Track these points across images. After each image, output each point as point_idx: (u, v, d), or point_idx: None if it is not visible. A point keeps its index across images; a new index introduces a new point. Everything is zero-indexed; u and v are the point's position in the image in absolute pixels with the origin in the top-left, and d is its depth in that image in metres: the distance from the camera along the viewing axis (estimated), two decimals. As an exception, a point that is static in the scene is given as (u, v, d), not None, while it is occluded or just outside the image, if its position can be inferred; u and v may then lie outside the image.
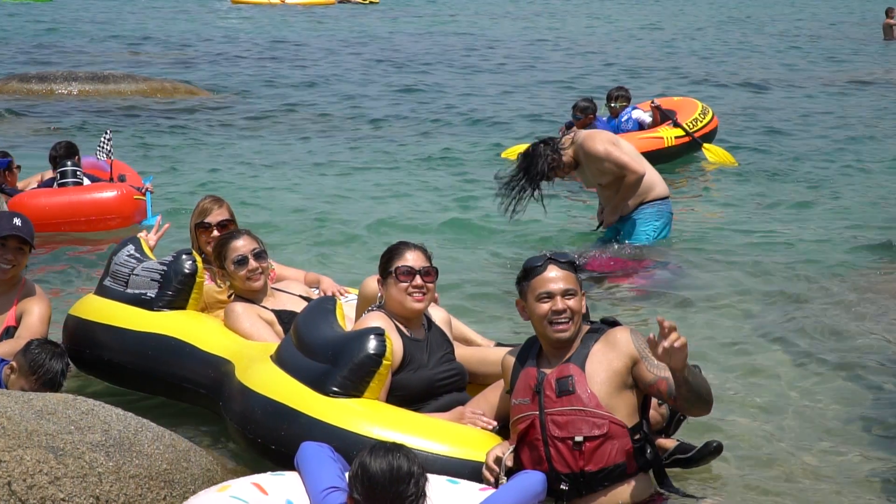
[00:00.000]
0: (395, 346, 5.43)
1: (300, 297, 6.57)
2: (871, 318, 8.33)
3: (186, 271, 6.47)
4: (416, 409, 5.42)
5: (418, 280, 5.57)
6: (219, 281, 6.73)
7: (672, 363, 4.66)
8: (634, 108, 14.65)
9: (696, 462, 5.38)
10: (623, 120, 14.42)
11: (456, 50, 31.55)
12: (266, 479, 4.64)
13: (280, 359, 5.65)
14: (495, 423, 5.29)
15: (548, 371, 4.99)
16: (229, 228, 6.85)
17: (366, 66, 27.33)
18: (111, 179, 10.93)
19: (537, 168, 9.51)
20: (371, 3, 52.96)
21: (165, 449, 4.95)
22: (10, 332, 6.49)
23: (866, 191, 13.34)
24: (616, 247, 9.76)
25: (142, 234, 7.12)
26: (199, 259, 6.55)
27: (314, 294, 6.75)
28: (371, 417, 5.18)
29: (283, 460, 5.08)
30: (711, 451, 5.35)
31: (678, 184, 13.33)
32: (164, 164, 14.59)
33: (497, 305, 8.69)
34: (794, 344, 7.77)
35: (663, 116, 14.53)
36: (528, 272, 5.08)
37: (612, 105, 14.59)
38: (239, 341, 6.19)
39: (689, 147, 14.52)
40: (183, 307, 6.51)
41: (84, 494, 4.51)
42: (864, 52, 31.54)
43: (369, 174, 14.33)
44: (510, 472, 4.92)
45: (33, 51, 29.53)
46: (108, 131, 11.71)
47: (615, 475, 4.90)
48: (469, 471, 4.95)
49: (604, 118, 14.50)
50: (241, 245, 6.43)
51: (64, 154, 10.89)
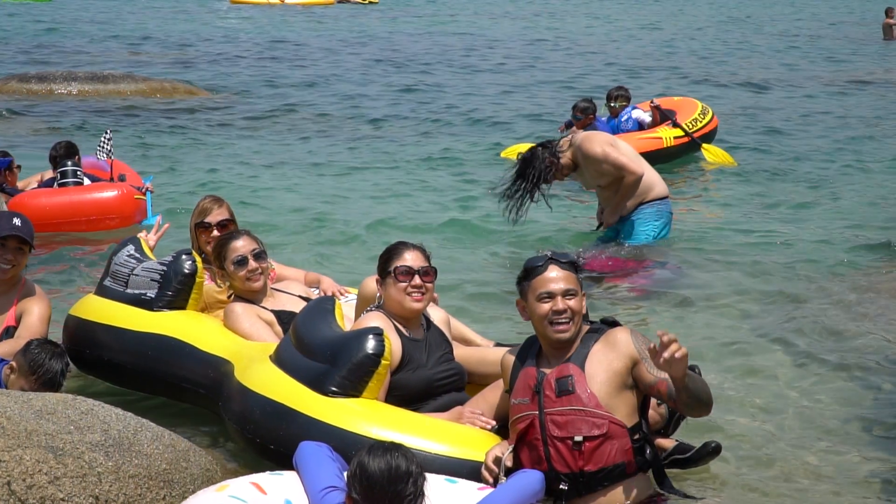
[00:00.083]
0: (394, 345, 5.43)
1: (300, 297, 6.57)
2: (870, 317, 8.32)
3: (186, 271, 6.47)
4: (415, 409, 5.41)
5: (417, 280, 5.57)
6: (219, 281, 6.73)
7: (672, 372, 4.68)
8: (634, 107, 14.64)
9: (695, 462, 5.38)
10: (623, 120, 14.41)
11: (456, 50, 31.55)
12: (265, 478, 4.64)
13: (279, 359, 5.65)
14: (494, 423, 5.28)
15: (547, 371, 4.98)
16: (229, 228, 6.86)
17: (365, 66, 27.32)
18: (111, 179, 10.93)
19: (536, 172, 9.54)
20: (370, 2, 52.95)
21: (165, 449, 4.95)
22: (10, 332, 6.48)
23: (866, 191, 13.33)
24: (616, 247, 9.76)
25: (142, 235, 7.12)
26: (198, 259, 6.55)
27: (314, 294, 6.74)
28: (369, 417, 5.18)
29: (282, 460, 5.08)
30: (710, 451, 5.35)
31: (678, 184, 13.32)
32: (163, 164, 14.58)
33: (497, 305, 8.68)
34: (794, 344, 7.77)
35: (663, 116, 14.51)
36: (529, 272, 5.07)
37: (612, 105, 14.58)
38: (238, 341, 6.19)
39: (688, 147, 14.50)
40: (183, 307, 6.51)
41: (83, 494, 4.51)
42: (863, 51, 31.55)
43: (369, 174, 14.32)
44: (509, 472, 4.92)
45: (33, 51, 29.52)
46: (108, 131, 11.70)
47: (615, 475, 4.90)
48: (468, 470, 4.95)
49: (603, 118, 14.49)
50: (241, 245, 6.43)
51: (64, 154, 10.89)
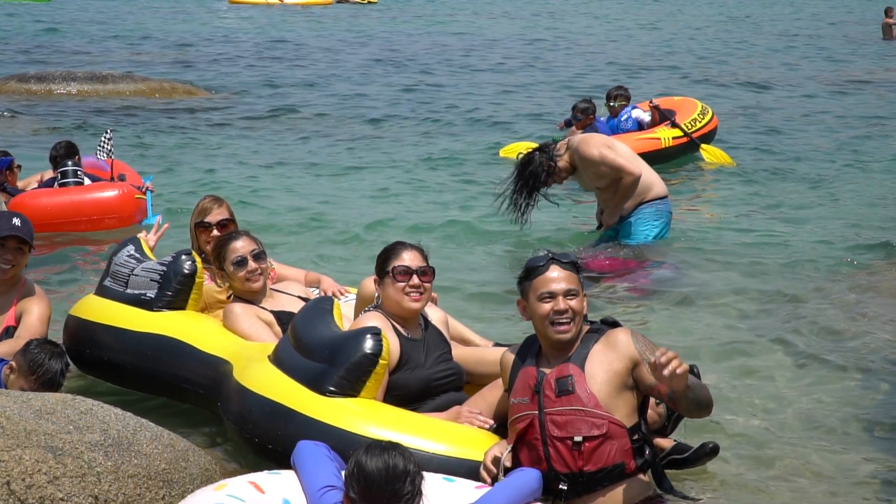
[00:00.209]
0: (392, 345, 5.43)
1: (299, 297, 6.57)
2: (870, 317, 8.32)
3: (186, 272, 6.47)
4: (414, 409, 5.41)
5: (415, 280, 5.57)
6: (219, 281, 6.73)
7: (673, 386, 4.70)
8: (634, 107, 14.64)
9: (692, 463, 5.38)
10: (623, 119, 14.41)
11: (455, 50, 31.55)
12: (263, 477, 4.64)
13: (277, 359, 5.65)
14: (492, 422, 5.28)
15: (547, 370, 4.98)
16: (229, 228, 6.85)
17: (365, 66, 27.32)
18: (112, 179, 10.93)
19: (534, 176, 9.58)
20: (369, 2, 52.91)
21: (164, 449, 4.95)
22: (9, 332, 6.48)
23: (865, 190, 13.33)
24: (615, 247, 9.76)
25: (141, 235, 7.12)
26: (198, 259, 6.55)
27: (313, 295, 6.74)
28: (367, 417, 5.18)
29: (281, 460, 5.07)
30: (707, 452, 5.35)
31: (677, 184, 13.31)
32: (162, 164, 14.58)
33: (497, 305, 8.68)
34: (793, 344, 7.76)
35: (662, 116, 14.50)
36: (530, 272, 5.07)
37: (612, 104, 14.58)
38: (237, 342, 6.19)
39: (687, 148, 14.48)
40: (182, 307, 6.51)
41: (83, 494, 4.51)
42: (863, 51, 31.57)
43: (368, 174, 14.32)
44: (508, 472, 4.91)
45: (32, 51, 29.53)
46: (109, 130, 11.69)
47: (614, 475, 4.89)
48: (466, 470, 4.94)
49: (602, 118, 14.49)
50: (241, 246, 6.42)
51: (64, 154, 10.89)
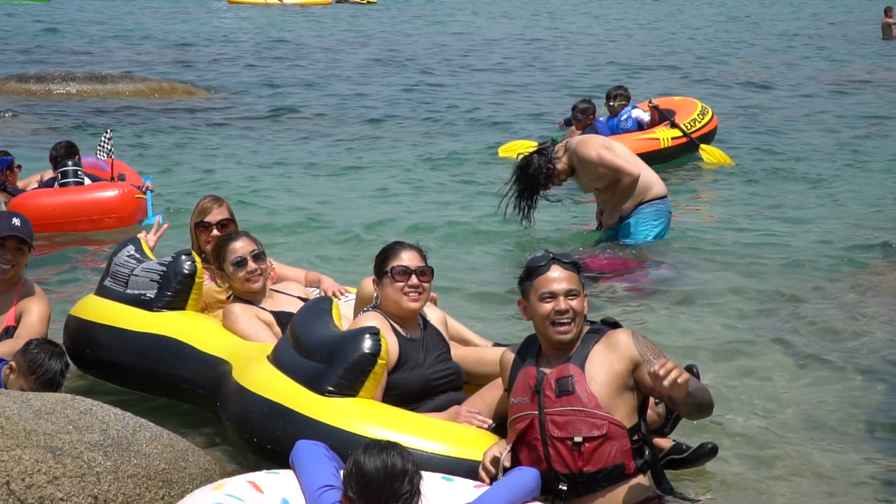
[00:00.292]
0: (391, 345, 5.43)
1: (298, 298, 6.56)
2: (870, 317, 8.32)
3: (185, 272, 6.47)
4: (413, 409, 5.42)
5: (414, 280, 5.56)
6: (218, 281, 6.73)
7: (674, 395, 4.72)
8: (634, 107, 14.64)
9: (691, 463, 5.38)
10: (623, 119, 14.41)
11: (455, 50, 31.56)
12: (261, 477, 4.64)
13: (276, 359, 5.65)
14: (491, 422, 5.29)
15: (547, 370, 4.98)
16: (229, 227, 6.86)
17: (364, 66, 27.32)
18: (112, 179, 10.94)
19: (534, 179, 9.59)
20: (368, 2, 52.89)
21: (164, 449, 4.95)
22: (9, 332, 6.48)
23: (865, 190, 13.34)
24: (615, 247, 9.76)
25: (141, 235, 7.13)
26: (198, 260, 6.56)
27: (312, 295, 6.74)
28: (366, 417, 5.18)
29: (280, 460, 5.07)
30: (706, 452, 5.35)
31: (677, 184, 13.31)
32: (162, 164, 14.58)
33: (497, 305, 8.68)
34: (793, 343, 7.77)
35: (661, 117, 14.50)
36: (531, 272, 5.07)
37: (611, 104, 14.58)
38: (237, 342, 6.19)
39: (686, 148, 14.47)
40: (182, 308, 6.52)
41: (82, 494, 4.51)
42: (862, 51, 31.57)
43: (368, 174, 14.32)
44: (507, 472, 4.91)
45: (31, 51, 29.53)
46: (109, 130, 11.69)
47: (614, 476, 4.90)
48: (465, 470, 4.94)
49: (602, 118, 14.48)
50: (240, 247, 6.42)
51: (64, 154, 10.90)
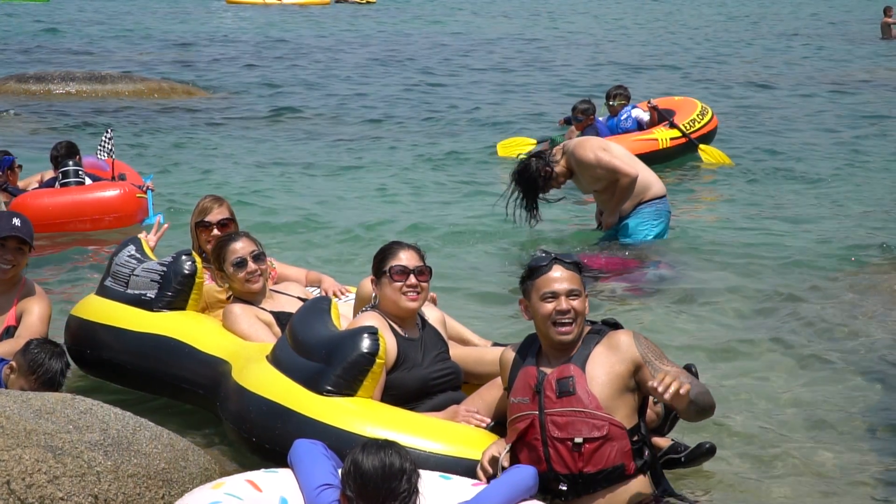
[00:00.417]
0: (389, 345, 5.44)
1: (298, 298, 6.57)
2: (869, 317, 8.33)
3: (186, 272, 6.48)
4: (411, 408, 5.42)
5: (412, 279, 5.57)
6: (219, 281, 6.73)
7: (676, 405, 4.77)
8: (634, 106, 14.63)
9: (689, 463, 5.38)
10: (622, 118, 14.41)
11: (455, 50, 31.56)
12: (260, 475, 4.65)
13: (275, 358, 5.66)
14: (489, 421, 5.29)
15: (547, 370, 4.98)
16: (229, 227, 6.86)
17: (364, 66, 27.32)
18: (113, 178, 10.95)
19: (533, 182, 9.61)
20: (368, 2, 52.87)
21: (164, 448, 4.95)
22: (10, 332, 6.49)
23: (864, 190, 13.34)
24: (615, 246, 9.76)
25: (142, 235, 7.13)
26: (198, 260, 6.56)
27: (312, 296, 6.73)
28: (364, 416, 5.19)
29: (279, 459, 5.07)
30: (704, 452, 5.36)
31: (676, 184, 13.31)
32: (161, 164, 14.59)
33: (497, 305, 8.68)
34: (792, 343, 7.77)
35: (660, 117, 14.49)
36: (533, 271, 5.07)
37: (611, 104, 14.58)
38: (236, 342, 6.19)
39: (686, 148, 14.46)
40: (182, 308, 6.53)
41: (83, 493, 4.52)
42: (862, 50, 31.57)
43: (368, 174, 14.32)
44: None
45: (31, 51, 29.52)
46: (110, 130, 11.69)
47: (614, 476, 4.90)
48: (463, 469, 4.95)
49: (601, 118, 14.48)
50: (240, 247, 6.43)
51: (65, 154, 10.91)
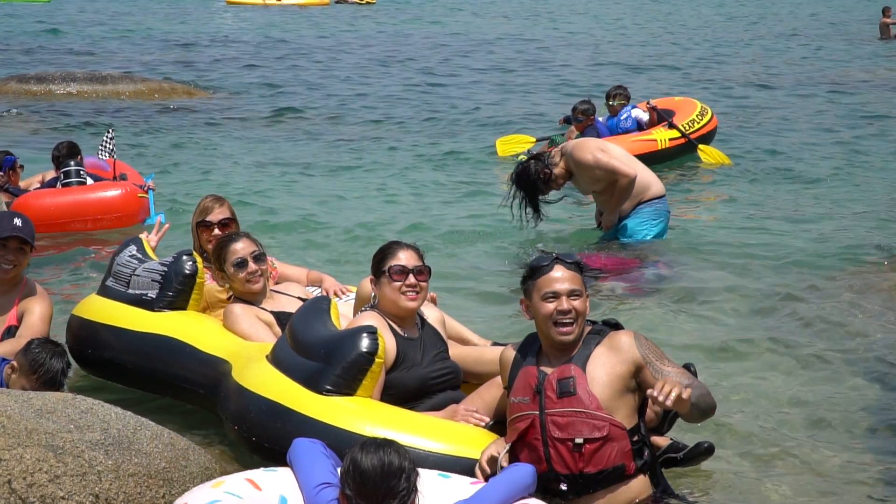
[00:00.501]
0: (389, 344, 5.45)
1: (298, 298, 6.58)
2: (869, 317, 8.33)
3: (187, 272, 6.49)
4: (410, 408, 5.43)
5: (411, 279, 5.58)
6: (220, 281, 6.74)
7: (678, 409, 4.80)
8: (634, 106, 14.64)
9: (687, 462, 5.38)
10: (622, 118, 14.41)
11: (455, 50, 31.55)
12: (259, 474, 4.66)
13: (275, 358, 5.68)
14: (488, 420, 5.31)
15: (548, 370, 4.99)
16: (230, 227, 6.88)
17: (364, 66, 27.32)
18: (114, 178, 10.96)
19: (532, 185, 9.63)
20: (368, 3, 52.85)
21: (164, 447, 4.96)
22: (11, 332, 6.49)
23: (863, 190, 13.35)
24: (615, 246, 9.77)
25: (143, 235, 7.14)
26: (199, 260, 6.57)
27: (313, 295, 6.74)
28: (364, 415, 5.20)
29: (279, 458, 5.08)
30: (703, 451, 5.35)
31: (675, 184, 13.32)
32: (162, 164, 14.60)
33: (497, 305, 8.69)
34: (792, 343, 7.78)
35: (660, 117, 14.49)
36: (535, 271, 5.08)
37: (611, 104, 14.58)
38: (237, 342, 6.21)
39: (685, 148, 14.46)
40: (183, 308, 6.54)
41: (83, 493, 4.52)
42: (861, 50, 31.57)
43: (368, 174, 14.33)
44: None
45: (32, 51, 29.52)
46: (111, 130, 11.69)
47: (614, 477, 4.91)
48: (462, 468, 4.96)
49: (601, 119, 14.48)
50: (241, 248, 6.44)
51: (66, 154, 10.93)
